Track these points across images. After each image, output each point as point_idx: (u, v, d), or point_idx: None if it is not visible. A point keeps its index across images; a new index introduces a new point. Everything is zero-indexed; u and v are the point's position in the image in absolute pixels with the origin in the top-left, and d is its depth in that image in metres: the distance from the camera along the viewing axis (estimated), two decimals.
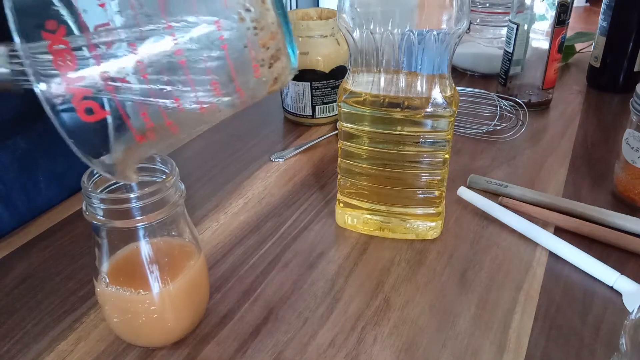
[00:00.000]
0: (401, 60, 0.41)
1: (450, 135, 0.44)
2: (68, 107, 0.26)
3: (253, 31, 0.30)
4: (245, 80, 0.31)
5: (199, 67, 0.29)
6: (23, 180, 0.51)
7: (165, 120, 0.30)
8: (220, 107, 0.31)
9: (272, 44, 0.31)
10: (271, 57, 0.31)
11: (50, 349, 0.38)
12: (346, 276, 0.45)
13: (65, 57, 0.26)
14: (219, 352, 0.38)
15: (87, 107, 0.27)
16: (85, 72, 0.27)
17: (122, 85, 0.28)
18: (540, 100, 0.75)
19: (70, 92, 0.26)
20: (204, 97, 0.30)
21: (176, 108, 0.30)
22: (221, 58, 0.29)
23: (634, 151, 0.51)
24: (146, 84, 0.28)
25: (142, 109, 0.29)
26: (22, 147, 0.50)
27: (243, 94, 0.32)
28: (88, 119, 0.27)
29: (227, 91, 0.31)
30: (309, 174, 0.60)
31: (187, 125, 0.32)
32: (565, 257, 0.45)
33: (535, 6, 0.68)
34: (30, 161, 0.51)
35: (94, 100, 0.27)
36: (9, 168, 0.49)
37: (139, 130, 0.29)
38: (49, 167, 0.53)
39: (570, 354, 0.37)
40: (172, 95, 0.29)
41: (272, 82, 0.33)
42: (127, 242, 0.35)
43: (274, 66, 0.31)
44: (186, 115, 0.30)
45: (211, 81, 0.30)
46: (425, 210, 0.47)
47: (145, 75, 0.28)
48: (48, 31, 0.25)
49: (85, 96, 0.27)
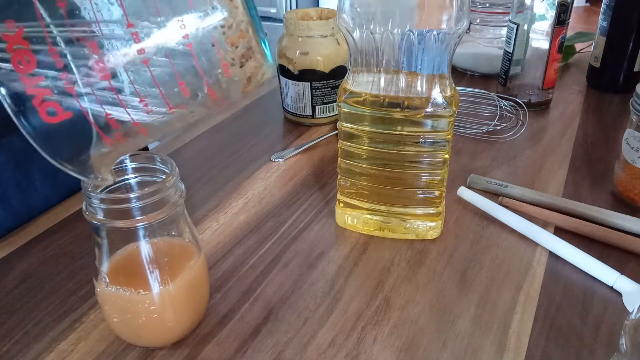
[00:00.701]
0: (401, 60, 0.41)
1: (450, 135, 0.44)
2: (29, 108, 0.26)
3: (220, 30, 0.29)
4: (215, 80, 0.30)
5: (164, 68, 0.28)
6: (18, 178, 0.51)
7: (133, 122, 0.29)
8: (191, 109, 0.31)
9: (241, 43, 0.30)
10: (242, 56, 0.30)
11: (50, 349, 0.38)
12: (346, 276, 0.45)
13: (24, 58, 0.25)
14: (219, 352, 0.38)
15: (49, 109, 0.26)
16: (45, 72, 0.26)
17: (84, 87, 0.27)
18: (540, 100, 0.75)
19: (30, 92, 0.26)
20: (171, 99, 0.29)
21: (143, 110, 0.29)
22: (187, 58, 0.29)
23: (634, 151, 0.51)
24: (109, 85, 0.27)
25: (107, 111, 0.28)
26: (17, 145, 0.50)
27: (214, 95, 0.31)
28: (50, 120, 0.26)
29: (196, 92, 0.30)
30: (309, 174, 0.60)
31: (157, 127, 0.31)
32: (565, 257, 0.45)
33: (535, 6, 0.68)
34: (25, 159, 0.51)
35: (55, 101, 0.26)
36: (5, 166, 0.49)
37: (106, 133, 0.28)
38: (44, 166, 0.53)
39: (570, 354, 0.37)
40: (136, 96, 0.28)
41: (245, 82, 0.31)
42: (127, 242, 0.35)
43: (246, 65, 0.30)
44: (154, 118, 0.30)
45: (178, 82, 0.29)
46: (425, 210, 0.47)
47: (106, 76, 0.27)
48: (7, 32, 0.25)
49: (46, 97, 0.26)
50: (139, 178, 0.36)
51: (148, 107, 0.29)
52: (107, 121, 0.28)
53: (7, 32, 0.25)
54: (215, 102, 0.32)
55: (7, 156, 0.49)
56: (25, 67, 0.26)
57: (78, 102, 0.27)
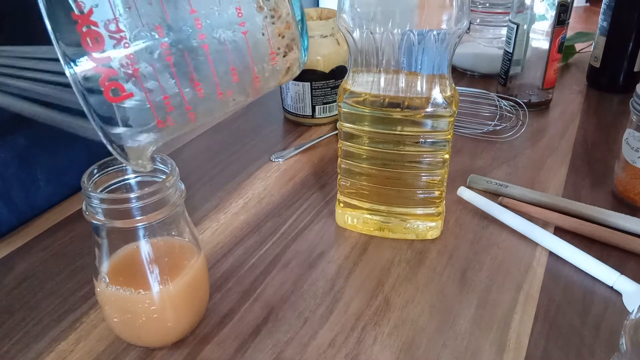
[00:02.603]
0: (401, 60, 0.41)
1: (450, 135, 0.44)
2: (95, 87, 0.27)
3: (270, 20, 0.31)
4: (262, 68, 0.32)
5: (220, 53, 0.30)
6: (22, 177, 0.51)
7: (185, 105, 0.30)
8: (234, 96, 0.32)
9: (287, 33, 0.32)
10: (286, 46, 0.32)
11: (50, 349, 0.38)
12: (346, 276, 0.45)
13: (93, 38, 0.26)
14: (219, 352, 0.38)
15: (113, 88, 0.27)
16: (113, 53, 0.27)
17: (147, 68, 0.28)
18: (540, 100, 0.75)
19: (98, 72, 0.27)
20: (223, 83, 0.30)
21: (196, 93, 0.30)
22: (241, 44, 0.30)
23: (634, 151, 0.51)
24: (170, 67, 0.28)
25: (165, 92, 0.29)
26: (21, 143, 0.50)
27: (258, 82, 0.32)
28: (113, 99, 0.27)
29: (244, 78, 0.31)
30: (309, 174, 0.60)
31: (203, 112, 0.32)
32: (565, 257, 0.45)
33: (535, 6, 0.68)
34: (29, 158, 0.51)
35: (119, 81, 0.27)
36: (9, 165, 0.49)
37: (160, 115, 0.29)
38: (48, 164, 0.53)
39: (570, 354, 0.37)
40: (193, 79, 0.29)
41: (284, 72, 0.33)
42: (127, 242, 0.35)
43: (288, 55, 0.32)
44: (203, 102, 0.31)
45: (231, 67, 0.30)
46: (425, 210, 0.47)
47: (169, 58, 0.28)
48: (77, 12, 0.26)
49: (112, 77, 0.27)
50: (139, 178, 0.36)
51: (202, 91, 0.30)
52: (164, 103, 0.29)
53: (77, 12, 0.26)
54: (254, 91, 0.33)
55: (11, 154, 0.49)
56: (95, 47, 0.26)
57: (141, 83, 0.28)
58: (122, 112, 0.28)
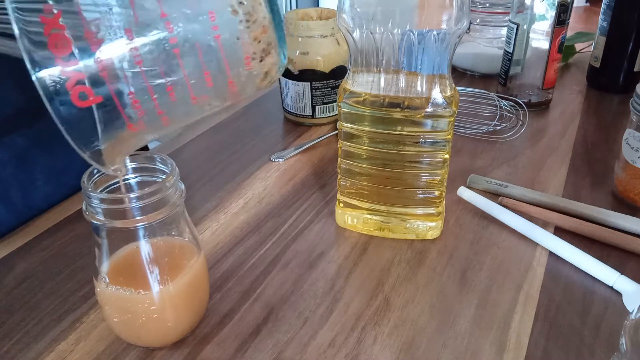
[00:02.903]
0: (401, 60, 0.41)
1: (450, 135, 0.44)
2: (62, 91, 0.26)
3: (245, 24, 0.30)
4: (237, 72, 0.31)
5: (192, 57, 0.29)
6: (20, 177, 0.51)
7: (157, 109, 0.29)
8: (210, 100, 0.32)
9: (263, 37, 0.31)
10: (262, 50, 0.31)
11: (50, 349, 0.38)
12: (346, 276, 0.45)
13: (61, 41, 0.26)
14: (219, 352, 0.38)
15: (81, 92, 0.27)
16: (80, 56, 0.26)
17: (116, 71, 0.27)
18: (540, 100, 0.75)
19: (65, 75, 0.26)
20: (196, 88, 0.30)
21: (169, 97, 0.29)
22: (214, 49, 0.30)
23: (634, 151, 0.51)
24: (140, 71, 0.28)
25: (135, 97, 0.28)
26: (20, 144, 0.50)
27: (234, 87, 0.32)
28: (81, 104, 0.27)
29: (219, 82, 0.31)
30: (309, 174, 0.60)
31: (177, 116, 0.32)
32: (565, 257, 0.45)
33: (535, 6, 0.68)
34: (28, 158, 0.51)
35: (87, 85, 0.27)
36: (7, 165, 0.49)
37: (131, 119, 0.29)
38: (46, 164, 0.53)
39: (570, 354, 0.37)
40: (165, 84, 0.29)
41: (262, 77, 0.33)
42: (127, 242, 0.35)
43: (265, 60, 0.32)
44: (177, 106, 0.30)
45: (204, 72, 0.30)
46: (425, 210, 0.47)
47: (139, 62, 0.28)
48: (45, 15, 0.25)
49: (79, 80, 0.26)
50: (139, 178, 0.36)
51: (174, 95, 0.30)
52: (134, 107, 0.29)
53: (45, 15, 0.25)
54: (232, 95, 0.33)
55: (9, 154, 0.49)
56: (62, 50, 0.26)
57: (109, 86, 0.27)
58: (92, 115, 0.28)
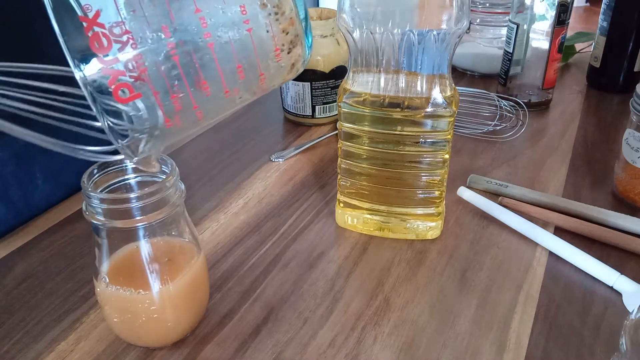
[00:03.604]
0: (401, 60, 0.41)
1: (450, 135, 0.44)
2: (104, 89, 0.27)
3: (274, 16, 0.31)
4: (267, 65, 0.32)
5: (226, 51, 0.30)
6: (20, 176, 0.51)
7: (193, 104, 0.30)
8: (241, 93, 0.32)
9: (291, 30, 0.32)
10: (290, 42, 0.32)
11: (50, 349, 0.38)
12: (346, 276, 0.45)
13: (101, 40, 0.26)
14: (219, 352, 0.38)
15: (122, 89, 0.27)
16: (120, 55, 0.27)
17: (155, 67, 0.28)
18: (540, 100, 0.75)
19: (106, 73, 0.27)
20: (229, 81, 0.31)
21: (203, 92, 0.30)
22: (246, 41, 0.30)
23: (634, 151, 0.51)
24: (177, 67, 0.29)
25: (172, 92, 0.29)
26: (19, 142, 0.50)
27: (264, 79, 0.33)
28: (122, 100, 0.28)
29: (250, 75, 0.32)
30: (309, 174, 0.60)
31: (210, 111, 0.32)
32: (565, 257, 0.45)
33: (535, 6, 0.68)
34: (27, 157, 0.51)
35: (127, 82, 0.27)
36: (7, 164, 0.49)
37: (168, 114, 0.30)
38: (46, 164, 0.53)
39: (570, 354, 0.37)
40: (200, 78, 0.30)
41: (289, 69, 0.34)
42: (127, 242, 0.35)
43: (292, 52, 0.33)
44: (210, 101, 0.31)
45: (237, 65, 0.31)
46: (425, 210, 0.47)
47: (176, 58, 0.28)
48: (84, 15, 0.26)
49: (120, 78, 0.27)
50: (139, 178, 0.36)
51: (208, 89, 0.30)
52: (172, 103, 0.29)
53: (84, 15, 0.26)
54: (260, 88, 0.33)
55: (9, 154, 0.49)
56: (102, 49, 0.27)
57: (149, 83, 0.28)
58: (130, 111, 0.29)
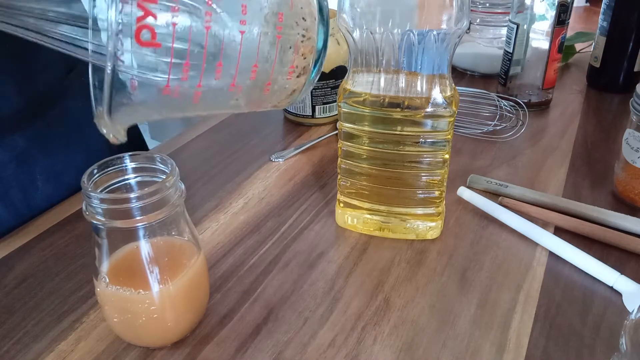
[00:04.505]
0: (401, 60, 0.41)
1: (450, 135, 0.44)
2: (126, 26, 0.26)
3: (302, 37, 0.32)
4: (276, 78, 0.32)
5: (252, 45, 0.30)
6: (20, 177, 0.51)
7: (200, 81, 0.30)
8: (241, 94, 0.32)
9: (308, 57, 0.33)
10: (303, 68, 0.33)
11: (50, 349, 0.38)
12: (346, 276, 0.45)
13: None
14: (219, 352, 0.38)
15: (145, 30, 0.26)
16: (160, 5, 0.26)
17: (185, 26, 0.27)
18: (540, 100, 0.75)
19: (140, 8, 0.26)
20: (240, 75, 0.31)
21: (214, 74, 0.30)
22: (272, 46, 0.31)
23: (634, 151, 0.51)
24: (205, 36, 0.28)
25: (189, 59, 0.28)
26: (20, 144, 0.50)
27: (267, 91, 0.32)
28: (141, 43, 0.27)
29: (259, 80, 0.32)
30: (309, 174, 0.60)
31: (206, 99, 0.32)
32: (565, 257, 0.45)
33: (535, 6, 0.68)
34: (28, 158, 0.51)
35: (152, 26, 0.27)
36: (7, 165, 0.49)
37: (172, 80, 0.29)
38: (46, 165, 0.53)
39: (570, 354, 0.37)
40: (219, 58, 0.29)
41: (288, 93, 0.34)
42: (127, 242, 0.35)
43: (300, 78, 0.33)
44: (214, 87, 0.31)
45: (255, 63, 0.31)
46: (425, 210, 0.47)
47: (208, 27, 0.28)
48: None
49: (149, 21, 0.26)
50: (139, 178, 0.36)
51: (220, 74, 0.30)
52: (183, 69, 0.29)
53: None
54: (258, 99, 0.33)
55: (9, 155, 0.49)
56: None
57: (173, 37, 0.27)
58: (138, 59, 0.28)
